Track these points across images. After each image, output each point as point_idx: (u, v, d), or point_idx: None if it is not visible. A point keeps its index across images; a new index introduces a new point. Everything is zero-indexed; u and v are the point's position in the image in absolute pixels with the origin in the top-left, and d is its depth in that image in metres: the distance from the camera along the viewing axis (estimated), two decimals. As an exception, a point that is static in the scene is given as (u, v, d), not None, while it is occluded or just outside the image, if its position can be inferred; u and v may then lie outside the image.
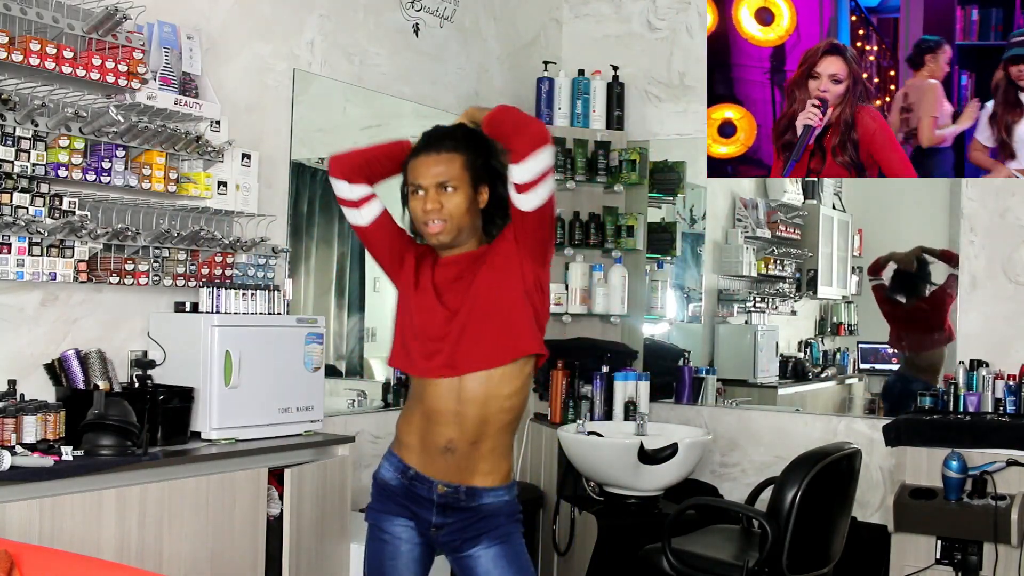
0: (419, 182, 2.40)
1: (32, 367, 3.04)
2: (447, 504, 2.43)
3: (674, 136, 5.07)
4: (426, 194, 2.39)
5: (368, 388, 4.38)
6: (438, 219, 2.38)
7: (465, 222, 2.41)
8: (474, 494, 2.42)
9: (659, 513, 4.18)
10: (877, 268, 5.30)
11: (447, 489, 2.42)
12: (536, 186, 2.30)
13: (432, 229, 2.40)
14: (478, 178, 2.41)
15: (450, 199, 2.38)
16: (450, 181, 2.37)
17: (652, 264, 5.17)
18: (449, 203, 2.38)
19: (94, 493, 2.69)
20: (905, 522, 3.88)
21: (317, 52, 3.98)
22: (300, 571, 3.22)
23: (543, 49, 5.15)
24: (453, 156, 2.39)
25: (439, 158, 2.39)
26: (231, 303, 3.26)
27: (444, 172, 2.38)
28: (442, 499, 2.42)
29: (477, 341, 2.37)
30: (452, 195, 2.38)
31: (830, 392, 5.97)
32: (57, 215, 2.96)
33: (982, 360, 4.22)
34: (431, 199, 2.38)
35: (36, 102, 2.88)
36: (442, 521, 2.44)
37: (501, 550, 2.43)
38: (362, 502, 3.99)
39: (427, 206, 2.38)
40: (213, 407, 3.13)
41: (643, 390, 4.62)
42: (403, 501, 2.47)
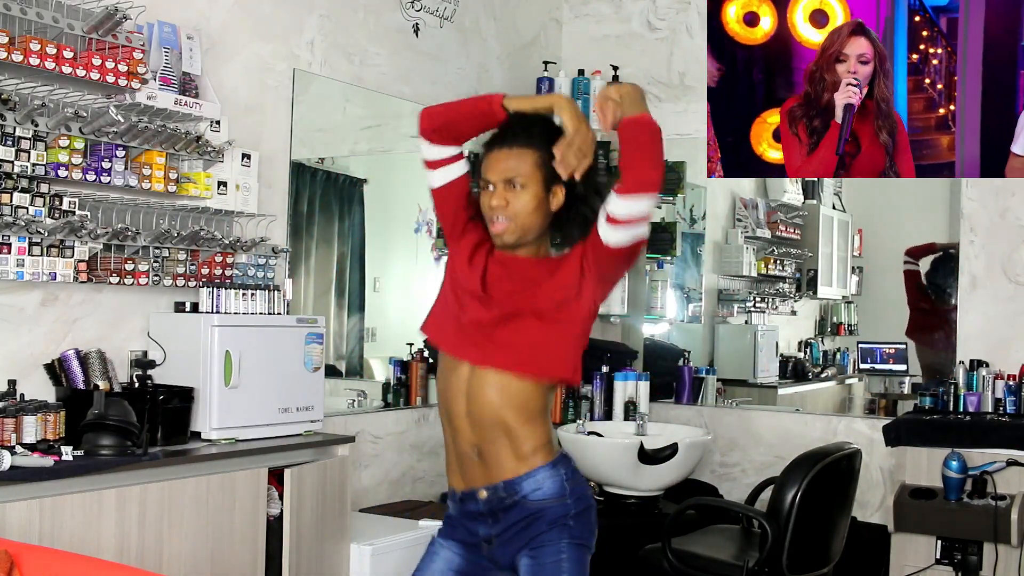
0: (487, 176, 2.28)
1: (32, 367, 3.03)
2: (493, 509, 2.29)
3: (674, 136, 5.06)
4: (494, 190, 2.27)
5: (368, 388, 4.38)
6: (503, 217, 2.26)
7: (532, 223, 2.28)
8: (512, 487, 2.27)
9: (659, 513, 4.18)
10: (921, 252, 5.22)
11: (488, 492, 2.29)
12: (629, 225, 2.18)
13: (496, 228, 2.28)
14: (552, 178, 2.26)
15: (518, 197, 2.25)
16: (519, 178, 2.25)
17: (652, 264, 5.17)
18: (516, 201, 2.25)
19: (94, 493, 2.68)
20: (905, 522, 3.89)
21: (317, 52, 3.98)
22: (300, 571, 3.21)
23: (543, 49, 5.15)
24: (525, 152, 2.25)
25: (511, 152, 2.26)
26: (231, 303, 3.26)
27: (514, 168, 2.25)
28: (488, 505, 2.30)
29: (514, 341, 2.26)
30: (520, 193, 2.25)
31: (830, 392, 5.97)
32: (57, 215, 2.96)
33: (982, 360, 4.22)
34: (497, 195, 2.26)
35: (36, 102, 2.88)
36: (490, 532, 2.31)
37: (529, 566, 2.26)
38: (362, 502, 4.01)
39: (492, 202, 2.26)
40: (213, 407, 3.13)
41: (643, 390, 4.62)
42: (461, 523, 2.36)
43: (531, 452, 2.27)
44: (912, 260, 5.24)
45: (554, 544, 2.25)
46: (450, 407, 2.33)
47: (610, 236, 2.20)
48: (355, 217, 4.47)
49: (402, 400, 4.32)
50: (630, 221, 2.18)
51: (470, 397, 2.29)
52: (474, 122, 2.34)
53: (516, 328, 2.27)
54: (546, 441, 2.30)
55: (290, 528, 3.18)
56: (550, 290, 2.28)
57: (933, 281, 5.10)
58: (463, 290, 2.33)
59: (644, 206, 2.18)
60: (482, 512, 2.31)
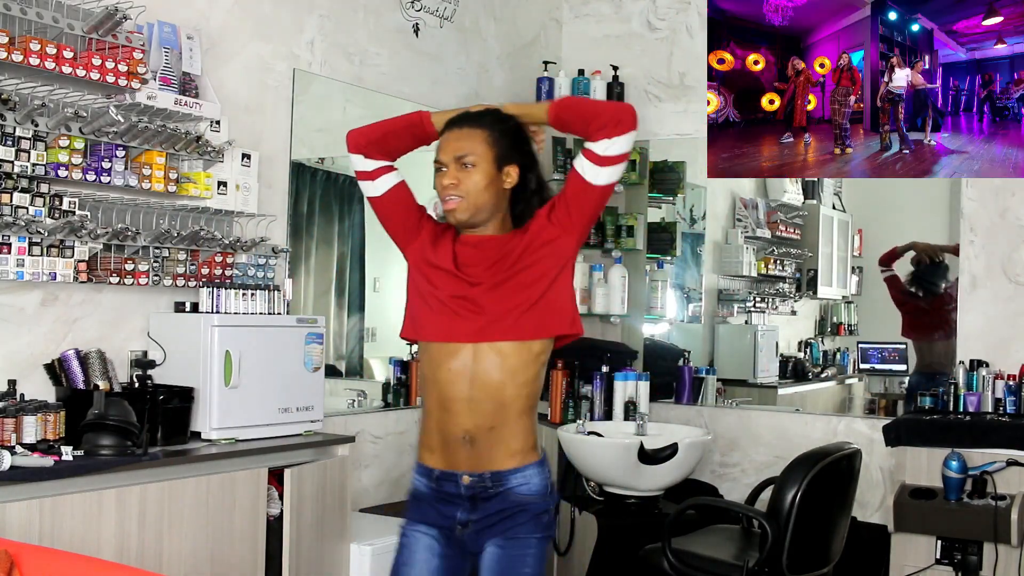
0: (440, 158, 2.35)
1: (32, 367, 3.03)
2: (475, 495, 2.33)
3: (674, 136, 5.07)
4: (446, 170, 2.33)
5: (368, 388, 4.38)
6: (454, 195, 2.32)
7: (484, 200, 2.33)
8: (500, 479, 2.32)
9: (659, 513, 4.18)
10: (890, 258, 5.25)
11: (472, 479, 2.33)
12: (617, 163, 2.31)
13: (448, 205, 2.34)
14: (504, 157, 2.34)
15: (469, 176, 2.31)
16: (469, 156, 2.31)
17: (652, 264, 5.17)
18: (467, 180, 2.31)
19: (94, 493, 2.69)
20: (905, 522, 3.89)
21: (317, 52, 3.98)
22: (300, 571, 3.22)
23: (543, 49, 5.15)
24: (475, 131, 2.34)
25: (461, 133, 2.35)
26: (231, 303, 3.26)
27: (465, 147, 2.32)
28: (469, 491, 2.33)
29: (510, 311, 2.31)
30: (471, 172, 2.31)
31: (830, 392, 5.97)
32: (57, 215, 2.96)
33: (982, 360, 4.22)
34: (449, 175, 2.32)
35: (36, 102, 2.88)
36: (467, 517, 2.34)
37: (497, 555, 2.32)
38: (362, 502, 4.01)
39: (444, 181, 2.33)
40: (213, 407, 3.13)
41: (643, 390, 4.61)
42: (433, 504, 2.39)
43: (522, 449, 2.34)
44: (886, 267, 5.27)
45: (526, 538, 2.33)
46: (447, 392, 2.34)
47: (598, 177, 2.33)
48: (355, 217, 4.47)
49: (402, 400, 4.32)
50: (619, 157, 2.32)
51: (474, 380, 2.31)
52: (407, 136, 2.44)
53: (503, 295, 2.33)
54: (535, 439, 2.39)
55: (290, 528, 3.18)
56: (527, 251, 2.34)
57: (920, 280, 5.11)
58: (437, 276, 2.38)
59: (629, 141, 2.32)
60: (461, 496, 2.35)
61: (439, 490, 2.37)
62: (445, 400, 2.34)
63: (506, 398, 2.31)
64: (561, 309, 2.36)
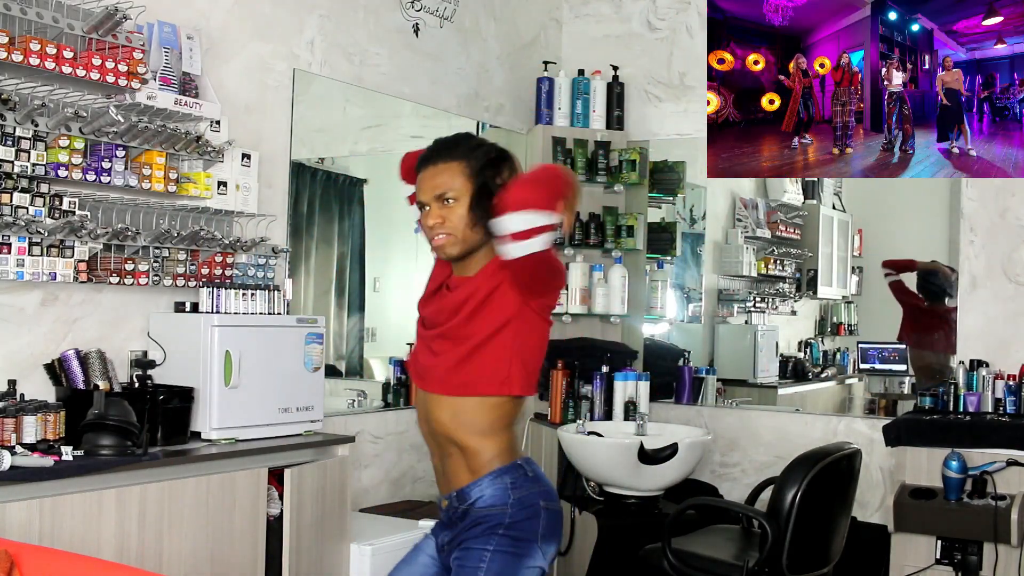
0: (420, 199, 2.32)
1: (32, 367, 3.03)
2: (451, 517, 2.35)
3: (674, 136, 5.07)
4: (429, 209, 2.29)
5: (368, 388, 4.38)
6: (441, 232, 2.28)
7: (471, 233, 2.28)
8: (463, 496, 2.31)
9: (659, 513, 4.18)
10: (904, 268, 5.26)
11: (448, 501, 2.35)
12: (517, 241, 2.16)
13: (435, 243, 2.31)
14: (485, 187, 2.26)
15: (452, 211, 2.26)
16: (448, 192, 2.26)
17: (652, 264, 5.17)
18: (452, 216, 2.27)
19: (94, 493, 2.68)
20: (905, 522, 3.89)
21: (317, 52, 3.98)
22: (300, 571, 3.21)
23: (543, 49, 5.15)
24: (451, 165, 2.27)
25: (436, 169, 2.28)
26: (231, 303, 3.26)
27: (443, 183, 2.27)
28: (447, 514, 2.36)
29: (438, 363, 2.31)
30: (454, 207, 2.26)
31: (830, 392, 5.97)
32: (57, 215, 2.96)
33: (982, 360, 4.22)
34: (432, 214, 2.28)
35: (36, 102, 2.88)
36: (444, 541, 2.37)
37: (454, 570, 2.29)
38: (362, 502, 4.01)
39: (429, 222, 2.29)
40: (213, 407, 3.13)
41: (643, 390, 4.62)
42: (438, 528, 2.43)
43: (483, 464, 2.30)
44: (891, 271, 5.27)
45: (478, 550, 2.25)
46: (421, 425, 2.43)
47: (504, 249, 2.20)
48: (355, 217, 4.47)
49: (402, 400, 4.32)
50: (515, 236, 2.16)
51: (427, 419, 2.36)
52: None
53: (440, 349, 2.32)
54: (500, 451, 2.31)
55: (290, 528, 3.18)
56: (463, 305, 2.28)
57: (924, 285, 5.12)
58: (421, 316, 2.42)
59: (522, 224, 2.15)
60: (444, 521, 2.39)
61: (441, 516, 2.42)
62: (423, 433, 2.43)
63: (455, 436, 2.31)
64: (492, 370, 2.27)
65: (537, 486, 2.32)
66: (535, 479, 2.32)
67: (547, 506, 2.32)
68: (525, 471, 2.32)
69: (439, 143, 2.35)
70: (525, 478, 2.31)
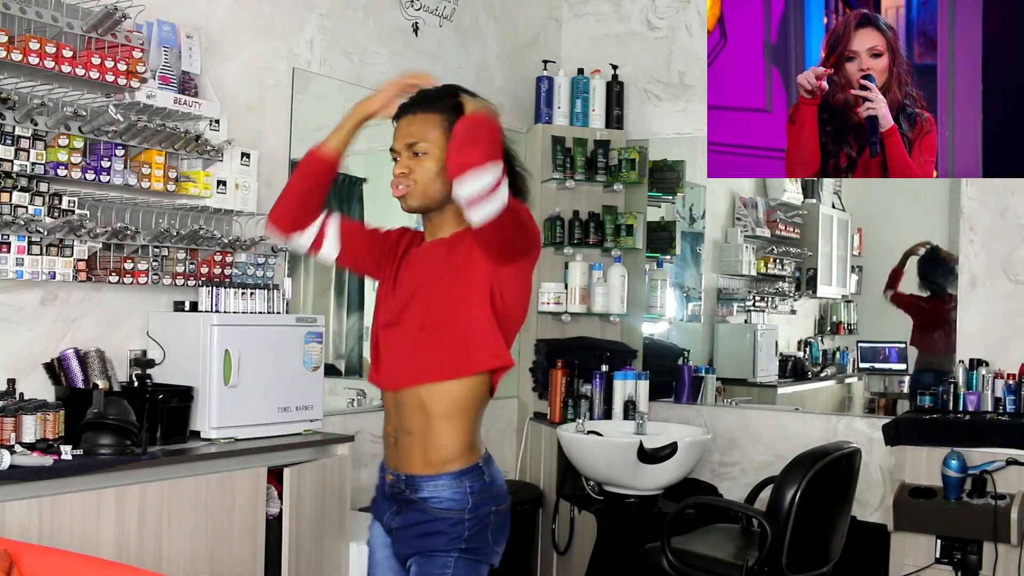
0: (393, 146, 2.25)
1: (31, 366, 3.03)
2: (394, 495, 2.26)
3: (673, 135, 5.08)
4: (399, 159, 2.23)
5: (367, 387, 4.37)
6: (404, 182, 2.21)
7: (435, 189, 2.20)
8: (413, 484, 2.21)
9: (658, 512, 4.18)
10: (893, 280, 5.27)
11: (393, 477, 2.26)
12: (476, 205, 2.06)
13: (397, 192, 2.23)
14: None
15: (420, 164, 2.20)
16: (421, 143, 2.20)
17: (651, 263, 5.17)
18: (419, 167, 2.20)
19: (93, 492, 2.69)
20: (905, 521, 3.89)
21: (317, 51, 3.98)
22: (299, 570, 3.22)
23: (543, 48, 5.15)
24: (428, 116, 2.21)
25: (414, 119, 2.23)
26: (230, 302, 3.26)
27: (416, 133, 2.20)
28: (390, 488, 2.27)
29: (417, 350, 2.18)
30: (423, 159, 2.20)
31: (830, 391, 5.97)
32: (56, 214, 2.96)
33: (982, 359, 4.22)
34: (401, 164, 2.22)
35: (35, 101, 2.88)
36: (391, 524, 2.28)
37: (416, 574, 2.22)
38: (362, 501, 4.01)
39: (396, 170, 2.23)
40: (212, 406, 3.13)
41: (642, 389, 4.62)
42: (380, 499, 2.34)
43: (443, 459, 2.20)
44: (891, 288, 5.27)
45: (443, 556, 2.19)
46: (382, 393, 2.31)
47: (470, 217, 2.09)
48: (355, 215, 4.47)
49: (401, 399, 4.31)
50: (473, 201, 2.05)
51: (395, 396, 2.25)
52: (312, 183, 2.30)
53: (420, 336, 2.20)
54: (463, 446, 2.22)
55: (289, 527, 3.18)
56: (456, 271, 2.19)
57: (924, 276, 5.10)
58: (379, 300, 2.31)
59: (475, 185, 2.03)
60: (385, 494, 2.30)
61: (381, 484, 2.33)
62: (383, 397, 2.31)
63: (430, 403, 2.19)
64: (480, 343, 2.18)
65: (490, 491, 2.24)
66: (490, 483, 2.25)
67: (496, 511, 2.25)
68: (483, 473, 2.24)
69: (422, 93, 2.27)
70: (482, 483, 2.23)
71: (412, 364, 2.21)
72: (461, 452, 2.21)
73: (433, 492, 2.20)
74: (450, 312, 2.19)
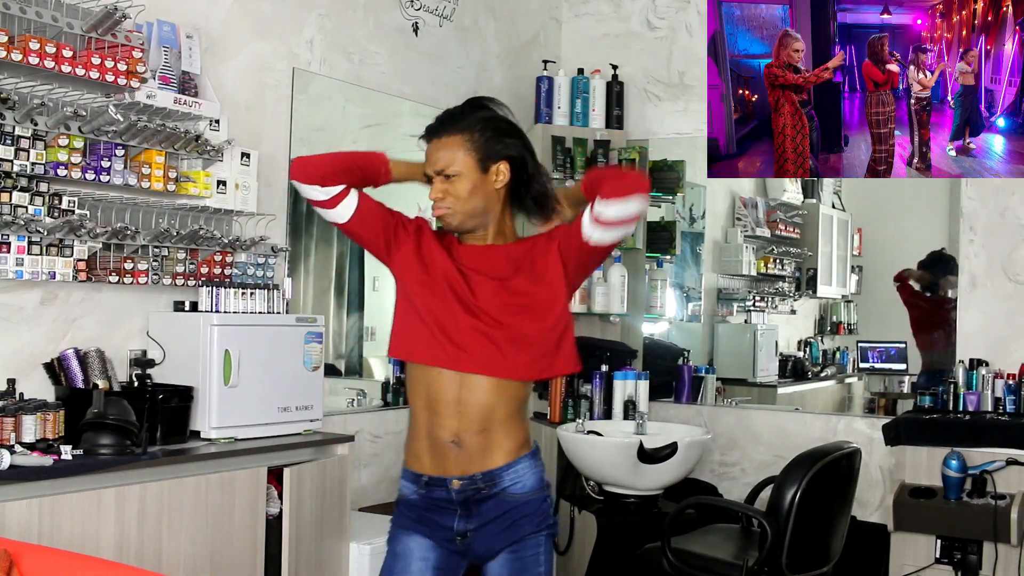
0: (427, 171, 2.34)
1: (31, 366, 3.03)
2: (467, 499, 2.28)
3: (673, 135, 5.07)
4: (434, 183, 2.32)
5: (367, 387, 4.38)
6: (442, 205, 2.31)
7: (473, 205, 2.30)
8: (492, 479, 2.28)
9: (658, 512, 4.18)
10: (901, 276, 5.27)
11: (463, 482, 2.27)
12: (618, 226, 2.23)
13: (436, 212, 2.33)
14: (488, 157, 2.29)
15: (454, 185, 2.29)
16: (449, 167, 2.28)
17: (651, 263, 5.17)
18: (453, 189, 2.29)
19: (93, 492, 2.68)
20: (905, 521, 3.89)
21: (317, 51, 3.98)
22: (299, 570, 3.22)
23: (542, 48, 5.15)
24: (452, 139, 2.29)
25: (439, 143, 2.31)
26: (230, 302, 3.25)
27: (443, 159, 2.29)
28: (460, 495, 2.28)
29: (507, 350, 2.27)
30: (456, 181, 2.29)
31: (829, 391, 5.98)
32: (56, 214, 2.96)
33: (982, 359, 4.22)
34: (436, 188, 2.31)
35: (35, 101, 2.87)
36: (466, 527, 2.29)
37: (509, 562, 2.30)
38: (361, 501, 4.01)
39: (432, 195, 2.32)
40: (212, 406, 3.13)
41: (642, 389, 4.62)
42: (422, 513, 2.33)
43: (519, 443, 2.32)
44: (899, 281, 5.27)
45: (533, 538, 2.31)
46: (434, 394, 2.29)
47: (593, 235, 2.25)
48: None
49: (401, 399, 4.31)
50: (621, 222, 2.23)
51: (463, 388, 2.28)
52: (364, 176, 2.37)
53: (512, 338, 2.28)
54: (528, 433, 2.37)
55: (289, 527, 3.18)
56: (541, 282, 2.31)
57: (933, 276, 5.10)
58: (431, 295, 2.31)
59: (634, 206, 2.22)
60: (452, 501, 2.30)
61: (429, 496, 2.32)
62: (433, 403, 2.29)
63: (497, 402, 2.28)
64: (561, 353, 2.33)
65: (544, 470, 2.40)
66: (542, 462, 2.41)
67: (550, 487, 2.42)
68: (540, 452, 2.40)
69: (445, 114, 2.35)
70: (543, 462, 2.39)
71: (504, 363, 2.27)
72: (527, 434, 2.37)
73: (515, 479, 2.30)
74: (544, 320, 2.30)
